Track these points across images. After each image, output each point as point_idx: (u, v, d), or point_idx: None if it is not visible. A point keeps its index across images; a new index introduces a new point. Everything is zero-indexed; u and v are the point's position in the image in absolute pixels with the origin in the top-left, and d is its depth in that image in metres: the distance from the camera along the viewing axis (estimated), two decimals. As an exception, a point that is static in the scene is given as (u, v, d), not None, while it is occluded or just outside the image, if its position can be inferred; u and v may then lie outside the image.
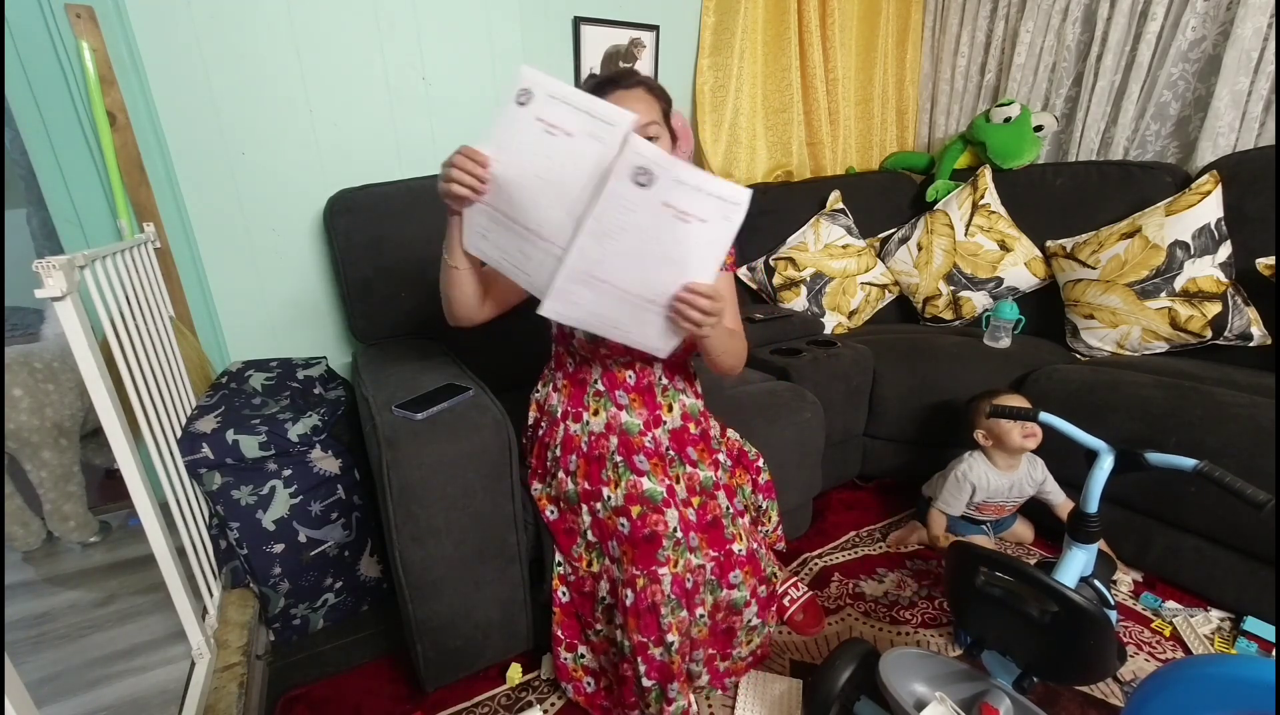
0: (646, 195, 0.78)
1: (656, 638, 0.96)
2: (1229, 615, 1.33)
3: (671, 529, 1.00)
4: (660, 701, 0.99)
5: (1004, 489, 1.47)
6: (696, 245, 0.81)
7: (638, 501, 1.02)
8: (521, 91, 0.79)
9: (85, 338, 0.83)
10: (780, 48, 2.15)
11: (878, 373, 1.72)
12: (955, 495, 1.49)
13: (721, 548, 1.05)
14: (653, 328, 0.88)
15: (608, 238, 0.81)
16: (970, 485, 1.46)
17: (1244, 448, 1.23)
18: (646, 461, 1.08)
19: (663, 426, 1.14)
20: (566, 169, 0.79)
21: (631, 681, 0.99)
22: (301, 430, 1.24)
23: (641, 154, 0.77)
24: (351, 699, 1.18)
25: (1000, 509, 1.53)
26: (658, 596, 0.95)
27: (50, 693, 0.98)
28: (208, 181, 1.42)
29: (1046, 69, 2.15)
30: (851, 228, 2.12)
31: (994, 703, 0.94)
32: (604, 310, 0.87)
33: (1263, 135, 1.74)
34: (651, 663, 0.97)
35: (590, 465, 1.09)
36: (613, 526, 1.03)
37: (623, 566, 1.00)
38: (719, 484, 1.13)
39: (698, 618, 1.02)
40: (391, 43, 1.54)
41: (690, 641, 1.01)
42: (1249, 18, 1.68)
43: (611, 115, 0.78)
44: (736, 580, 1.05)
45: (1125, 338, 1.70)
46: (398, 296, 1.48)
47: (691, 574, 0.99)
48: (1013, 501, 1.52)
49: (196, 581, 1.11)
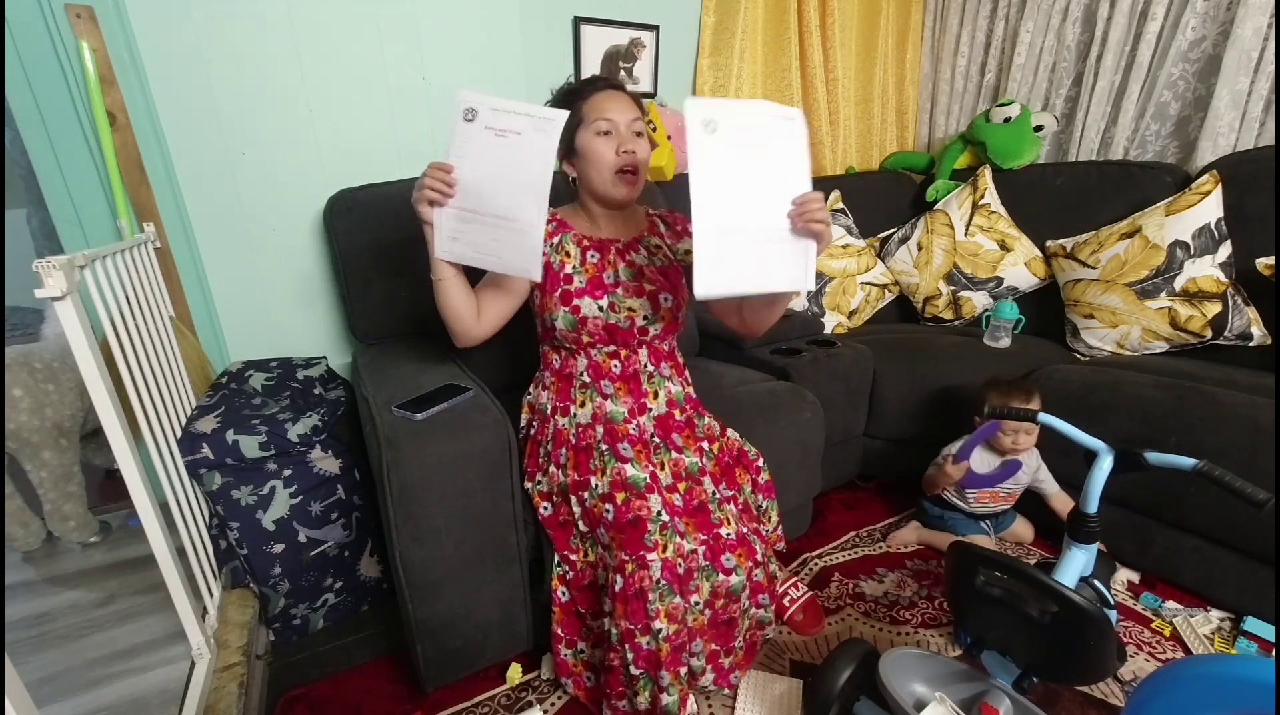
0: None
1: (644, 625, 0.96)
2: (1229, 615, 1.33)
3: (655, 513, 1.01)
4: (651, 688, 0.98)
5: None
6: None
7: (622, 488, 1.04)
8: (467, 110, 0.94)
9: (85, 338, 0.83)
10: (780, 48, 2.15)
11: (878, 373, 1.72)
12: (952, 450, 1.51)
13: (709, 531, 1.05)
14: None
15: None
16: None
17: (1244, 448, 1.23)
18: (630, 448, 1.09)
19: (648, 413, 1.15)
20: (521, 159, 0.94)
21: (619, 670, 0.99)
22: (301, 430, 1.24)
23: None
24: (351, 699, 1.18)
25: (995, 496, 1.53)
26: (645, 582, 0.95)
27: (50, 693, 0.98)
28: (208, 181, 1.42)
29: (1046, 69, 2.15)
30: (851, 228, 2.12)
31: (994, 703, 0.94)
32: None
33: (1263, 135, 1.74)
34: (639, 651, 0.97)
35: (578, 456, 1.11)
36: (599, 513, 1.04)
37: (612, 552, 1.01)
38: (704, 469, 1.13)
39: (693, 605, 1.01)
40: (391, 43, 1.54)
41: (688, 631, 1.01)
42: (1249, 18, 1.68)
43: (551, 113, 0.93)
44: (730, 564, 1.04)
45: (1125, 338, 1.70)
46: (398, 296, 1.48)
47: (683, 559, 1.00)
48: (1007, 489, 1.52)
49: (196, 581, 1.11)
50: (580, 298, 1.11)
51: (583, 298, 1.11)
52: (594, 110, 1.06)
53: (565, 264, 1.13)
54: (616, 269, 1.15)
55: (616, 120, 1.06)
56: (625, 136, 1.07)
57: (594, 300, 1.11)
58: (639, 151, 1.08)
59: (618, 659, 0.99)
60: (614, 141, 1.07)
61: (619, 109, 1.07)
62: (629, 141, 1.07)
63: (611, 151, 1.07)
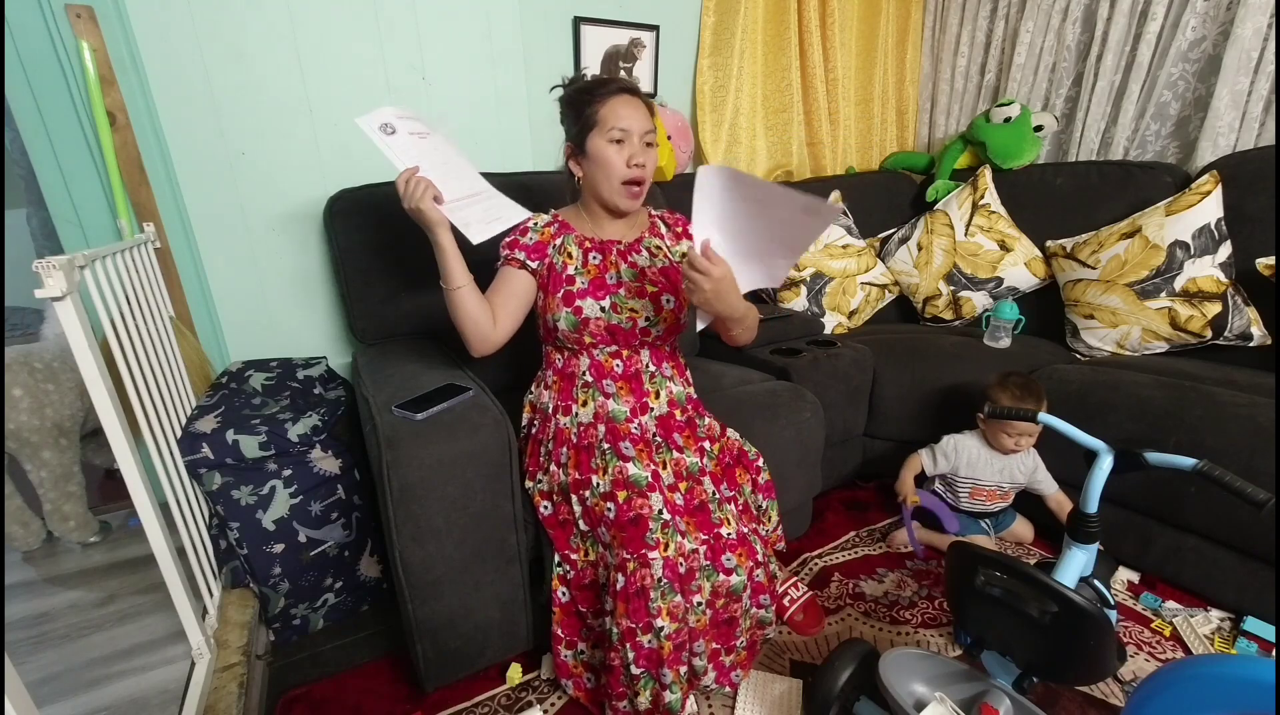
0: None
1: (645, 624, 0.95)
2: (1229, 615, 1.33)
3: (656, 511, 1.01)
4: (652, 687, 0.98)
5: (994, 470, 1.48)
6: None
7: (624, 487, 1.04)
8: (383, 125, 1.02)
9: (85, 338, 0.83)
10: (780, 48, 2.15)
11: (878, 373, 1.72)
12: (940, 454, 1.53)
13: (710, 531, 1.05)
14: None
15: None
16: (954, 452, 1.51)
17: (1244, 448, 1.23)
18: (632, 447, 1.10)
19: (650, 413, 1.15)
20: (441, 147, 1.09)
21: (619, 670, 0.99)
22: (301, 430, 1.24)
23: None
24: (351, 699, 1.18)
25: (991, 494, 1.53)
26: (647, 580, 0.95)
27: (50, 693, 0.98)
28: (208, 181, 1.42)
29: (1046, 69, 2.15)
30: (851, 228, 2.12)
31: (994, 703, 0.94)
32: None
33: (1263, 135, 1.74)
34: (640, 650, 0.96)
35: (579, 455, 1.11)
36: (600, 512, 1.04)
37: (613, 551, 1.00)
38: (704, 470, 1.13)
39: (694, 605, 1.01)
40: (391, 43, 1.54)
41: (689, 631, 1.01)
42: (1249, 18, 1.68)
43: (430, 119, 1.11)
44: (731, 563, 1.04)
45: (1125, 338, 1.70)
46: (398, 296, 1.48)
47: (684, 558, 0.99)
48: (1003, 488, 1.52)
49: (196, 581, 1.11)
50: (582, 298, 1.11)
51: (585, 298, 1.11)
52: (611, 116, 1.06)
53: (568, 265, 1.13)
54: (619, 270, 1.15)
55: (631, 129, 1.06)
56: (637, 147, 1.07)
57: (596, 301, 1.11)
58: (648, 164, 1.08)
59: (618, 658, 0.98)
60: (625, 151, 1.07)
61: (635, 118, 1.06)
62: (640, 153, 1.07)
63: (622, 161, 1.07)
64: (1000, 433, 1.44)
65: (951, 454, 1.52)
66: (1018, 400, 1.41)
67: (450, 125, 1.02)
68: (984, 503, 1.55)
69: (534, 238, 1.14)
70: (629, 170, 1.07)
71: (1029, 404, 1.41)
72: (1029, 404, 1.41)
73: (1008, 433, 1.43)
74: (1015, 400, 1.41)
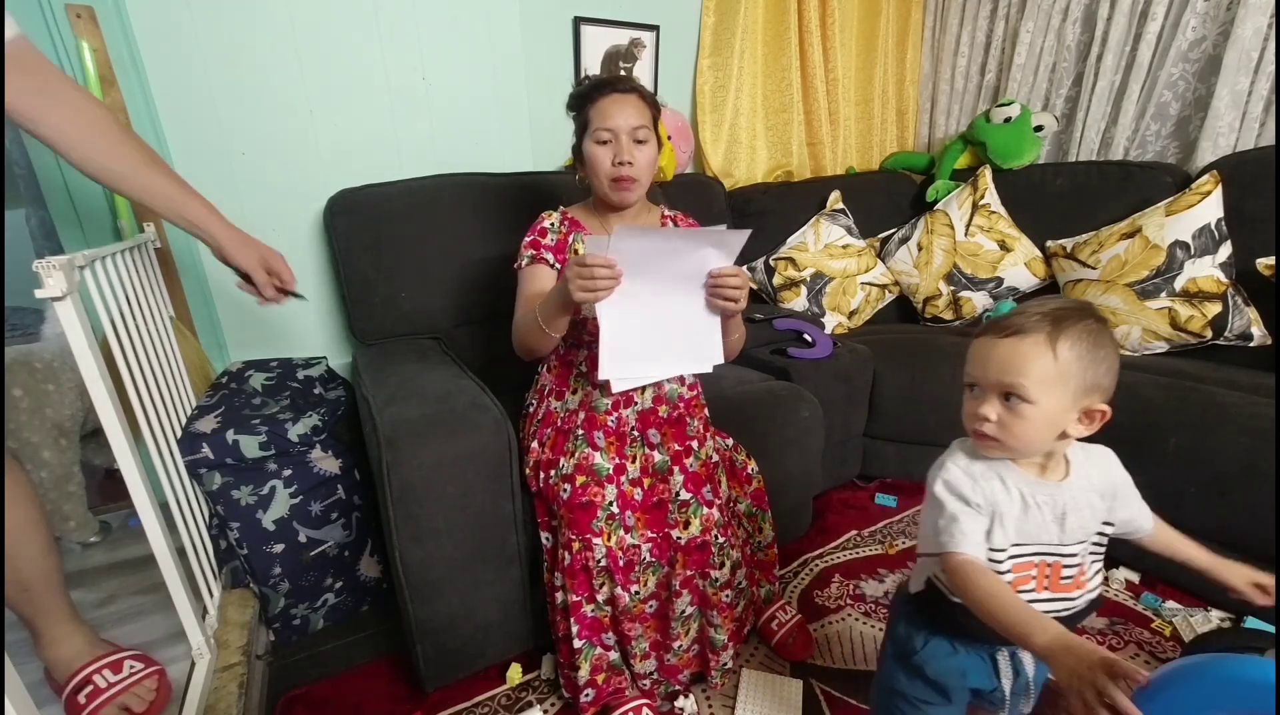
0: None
1: (589, 595, 1.04)
2: (1229, 615, 1.33)
3: (607, 501, 1.05)
4: (594, 655, 1.05)
5: (1050, 513, 0.73)
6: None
7: (584, 473, 1.08)
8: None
9: (85, 338, 0.83)
10: (780, 48, 2.15)
11: (878, 373, 1.72)
12: (960, 521, 0.70)
13: (660, 530, 1.06)
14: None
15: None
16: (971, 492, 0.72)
17: (1244, 448, 1.23)
18: (604, 439, 1.12)
19: (633, 407, 1.15)
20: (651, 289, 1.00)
21: (568, 640, 1.05)
22: (301, 430, 1.24)
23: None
24: (351, 699, 1.18)
25: (1056, 567, 0.74)
26: (590, 562, 1.02)
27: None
28: (208, 181, 1.40)
29: (1046, 69, 2.15)
30: (851, 228, 2.12)
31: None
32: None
33: (1263, 135, 1.74)
34: (584, 621, 1.04)
35: (558, 437, 1.14)
36: (556, 491, 1.08)
37: (561, 532, 1.05)
38: (684, 469, 1.12)
39: (633, 594, 1.05)
40: (391, 43, 1.54)
41: (628, 615, 1.06)
42: (1249, 18, 1.68)
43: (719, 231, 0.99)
44: (675, 564, 1.06)
45: (1125, 338, 1.70)
46: (398, 296, 1.48)
47: (624, 552, 1.04)
48: (1069, 548, 0.74)
49: (196, 581, 1.11)
50: None
51: None
52: (598, 117, 1.08)
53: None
54: None
55: (616, 128, 1.07)
56: (624, 145, 1.07)
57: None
58: (636, 161, 1.08)
59: (566, 629, 1.05)
60: (611, 150, 1.08)
61: (622, 115, 1.07)
62: (626, 151, 1.07)
63: (608, 161, 1.08)
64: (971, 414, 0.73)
65: (967, 505, 0.72)
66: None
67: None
68: (1050, 592, 0.73)
69: (554, 238, 1.16)
70: (614, 169, 1.09)
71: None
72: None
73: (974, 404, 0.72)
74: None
